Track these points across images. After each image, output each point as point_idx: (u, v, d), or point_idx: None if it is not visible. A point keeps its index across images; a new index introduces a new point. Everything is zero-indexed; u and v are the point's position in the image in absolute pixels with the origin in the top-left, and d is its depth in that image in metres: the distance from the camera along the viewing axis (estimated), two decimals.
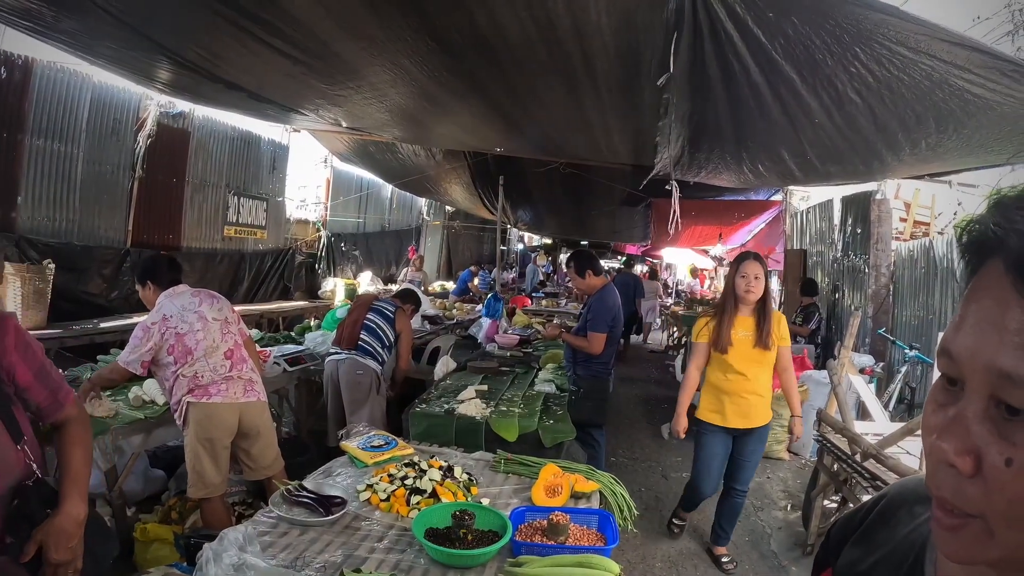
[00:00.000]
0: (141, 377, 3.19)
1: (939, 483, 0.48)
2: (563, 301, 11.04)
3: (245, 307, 8.08)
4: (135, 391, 3.47)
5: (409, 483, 2.20)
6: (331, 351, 4.46)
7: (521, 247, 21.16)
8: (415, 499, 2.13)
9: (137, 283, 3.22)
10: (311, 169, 10.54)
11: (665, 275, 20.49)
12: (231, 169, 8.52)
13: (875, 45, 2.50)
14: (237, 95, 4.52)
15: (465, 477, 2.35)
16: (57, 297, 5.46)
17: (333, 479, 2.40)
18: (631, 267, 14.77)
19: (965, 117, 3.09)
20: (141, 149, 6.69)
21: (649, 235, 12.50)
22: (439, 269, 15.34)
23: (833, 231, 8.08)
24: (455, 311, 8.70)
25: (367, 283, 10.27)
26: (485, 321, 6.52)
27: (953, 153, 3.81)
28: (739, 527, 3.88)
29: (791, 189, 8.72)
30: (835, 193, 7.95)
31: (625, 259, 15.94)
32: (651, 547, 3.80)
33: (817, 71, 2.77)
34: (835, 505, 3.73)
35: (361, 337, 4.32)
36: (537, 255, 20.59)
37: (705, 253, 17.58)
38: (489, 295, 7.18)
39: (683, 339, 9.85)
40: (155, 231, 7.28)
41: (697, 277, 16.22)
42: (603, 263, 5.84)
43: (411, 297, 5.07)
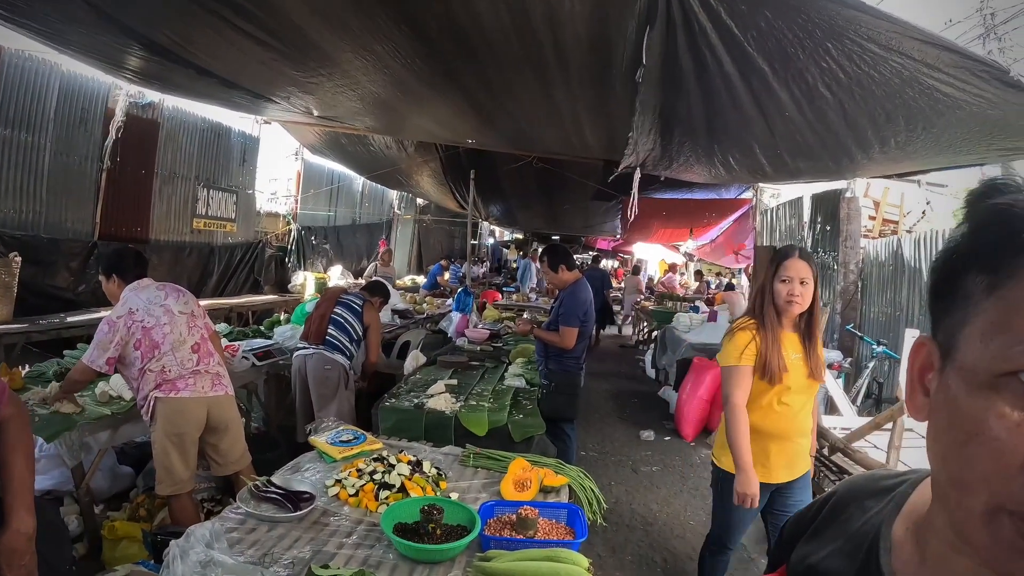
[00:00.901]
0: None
1: None
2: (534, 296, 11.02)
3: (214, 301, 7.93)
4: (102, 386, 3.39)
5: (378, 478, 2.20)
6: (299, 346, 4.37)
7: (492, 241, 21.13)
8: (384, 494, 2.12)
9: (102, 276, 3.16)
10: (282, 162, 10.44)
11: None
12: (201, 161, 8.37)
13: (846, 41, 2.53)
14: (208, 82, 4.40)
15: (434, 472, 2.35)
16: (23, 291, 5.34)
17: (302, 474, 2.39)
18: (598, 263, 15.06)
19: (934, 116, 3.14)
20: (110, 140, 6.51)
21: (617, 230, 12.58)
22: (410, 263, 15.24)
23: (803, 228, 8.17)
24: (425, 305, 8.65)
25: (337, 277, 10.18)
26: (455, 315, 6.51)
27: (922, 152, 3.88)
28: (706, 520, 3.91)
29: (761, 186, 8.82)
30: (805, 191, 8.05)
31: (593, 255, 16.11)
32: (620, 540, 3.81)
33: (789, 64, 2.80)
34: None
35: (328, 332, 4.24)
36: (510, 250, 20.62)
37: (676, 249, 17.75)
38: (460, 289, 7.15)
39: (653, 334, 9.89)
40: (123, 223, 7.11)
41: (675, 272, 16.34)
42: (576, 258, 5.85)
43: (380, 290, 4.98)
